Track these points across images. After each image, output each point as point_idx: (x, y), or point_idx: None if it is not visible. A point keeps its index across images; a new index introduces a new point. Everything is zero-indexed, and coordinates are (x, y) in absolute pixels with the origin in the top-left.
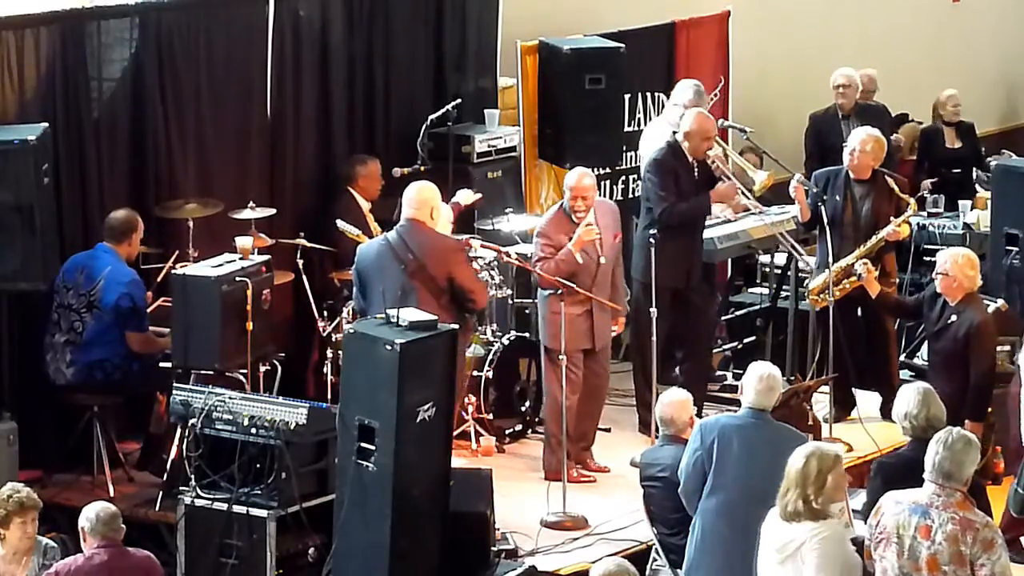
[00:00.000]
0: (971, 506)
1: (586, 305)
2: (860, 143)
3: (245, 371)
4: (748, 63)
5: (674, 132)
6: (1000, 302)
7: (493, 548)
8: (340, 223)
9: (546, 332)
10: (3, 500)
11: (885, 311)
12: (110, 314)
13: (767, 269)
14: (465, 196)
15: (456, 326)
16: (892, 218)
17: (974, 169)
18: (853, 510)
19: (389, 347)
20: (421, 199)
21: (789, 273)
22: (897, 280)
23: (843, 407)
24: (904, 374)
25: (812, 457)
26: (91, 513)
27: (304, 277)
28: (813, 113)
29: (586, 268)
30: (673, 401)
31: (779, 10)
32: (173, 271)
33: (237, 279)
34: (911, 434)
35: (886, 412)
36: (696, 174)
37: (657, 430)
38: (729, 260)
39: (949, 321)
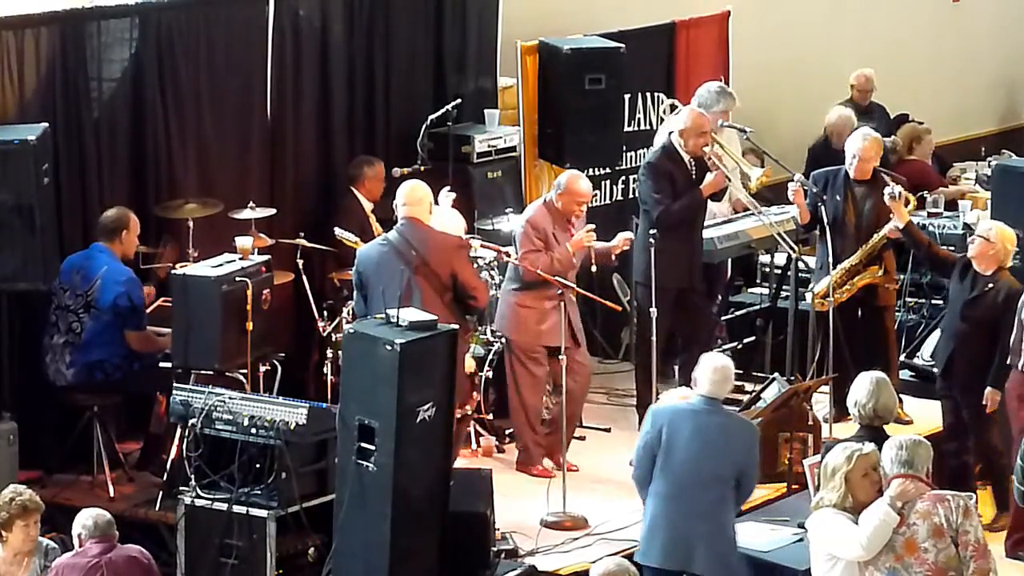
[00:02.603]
0: (935, 486)
1: (556, 301)
2: (860, 151)
3: (245, 371)
4: (748, 63)
5: (669, 133)
6: None
7: (493, 548)
8: (338, 231)
9: (511, 326)
10: (5, 503)
11: (911, 241)
12: (108, 313)
13: (767, 269)
14: (446, 198)
15: (456, 326)
16: (892, 216)
17: None
18: None
19: (389, 347)
20: (416, 197)
21: (789, 273)
22: (898, 279)
23: (843, 407)
24: (904, 374)
25: (831, 454)
26: (87, 520)
27: (304, 277)
28: (811, 146)
29: (572, 270)
30: None
31: (779, 10)
32: (173, 271)
33: (237, 279)
34: (859, 422)
35: None
36: (694, 174)
37: None
38: (729, 260)
39: (987, 288)
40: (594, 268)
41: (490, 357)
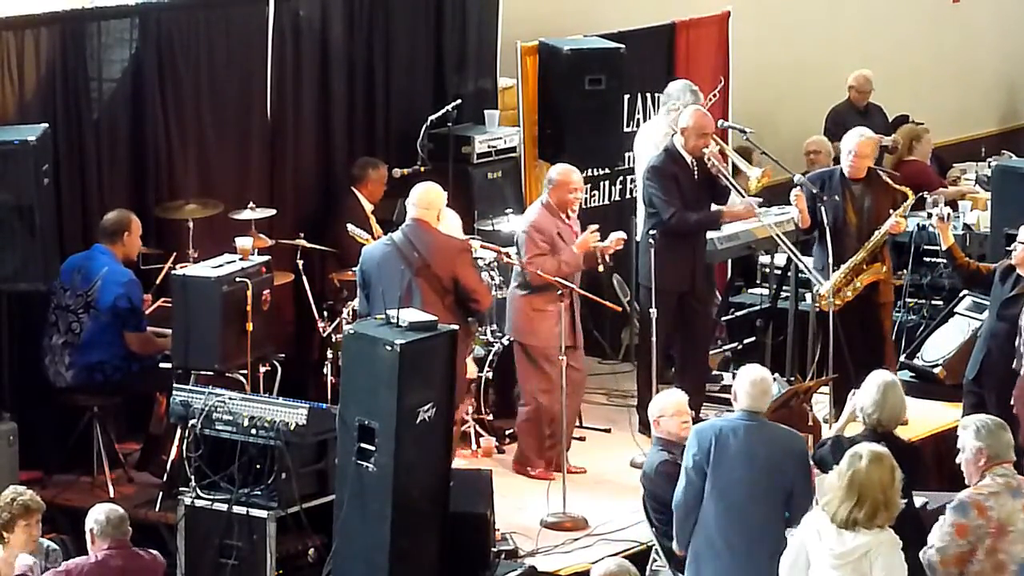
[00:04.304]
0: None
1: (564, 301)
2: (858, 147)
3: (245, 372)
4: (748, 63)
5: (672, 135)
6: None
7: (493, 548)
8: (351, 228)
9: (527, 330)
10: (7, 503)
11: (952, 264)
12: (107, 315)
13: (767, 270)
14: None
15: (456, 327)
16: (891, 211)
17: None
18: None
19: (389, 348)
20: (426, 200)
21: (789, 274)
22: (901, 276)
23: (843, 407)
24: (904, 375)
25: (885, 460)
26: (100, 515)
27: (304, 278)
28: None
29: (579, 271)
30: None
31: (779, 11)
32: (173, 271)
33: (237, 280)
34: (864, 424)
35: None
36: (696, 175)
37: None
38: (729, 260)
39: None
40: (601, 269)
41: (490, 358)
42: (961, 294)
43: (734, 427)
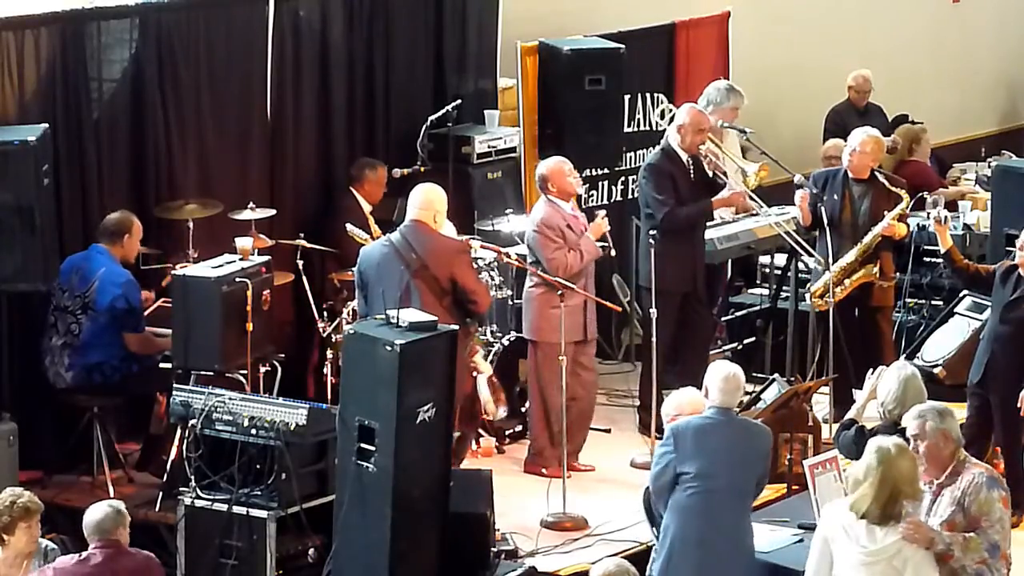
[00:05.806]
0: None
1: (583, 297)
2: (860, 144)
3: (245, 372)
4: (748, 63)
5: (667, 136)
6: None
7: (493, 549)
8: (350, 227)
9: (542, 327)
10: (7, 506)
11: (951, 266)
12: (105, 315)
13: (767, 270)
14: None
15: (456, 327)
16: (886, 212)
17: None
18: None
19: (389, 348)
20: (426, 201)
21: (789, 274)
22: (896, 278)
23: (843, 407)
24: None
25: (909, 451)
26: (89, 518)
27: (304, 278)
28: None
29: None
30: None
31: (779, 11)
32: (173, 271)
33: (237, 280)
34: (883, 419)
35: None
36: (692, 174)
37: (659, 430)
38: (729, 260)
39: None
40: (613, 254)
41: (490, 358)
42: (961, 294)
43: (710, 424)
